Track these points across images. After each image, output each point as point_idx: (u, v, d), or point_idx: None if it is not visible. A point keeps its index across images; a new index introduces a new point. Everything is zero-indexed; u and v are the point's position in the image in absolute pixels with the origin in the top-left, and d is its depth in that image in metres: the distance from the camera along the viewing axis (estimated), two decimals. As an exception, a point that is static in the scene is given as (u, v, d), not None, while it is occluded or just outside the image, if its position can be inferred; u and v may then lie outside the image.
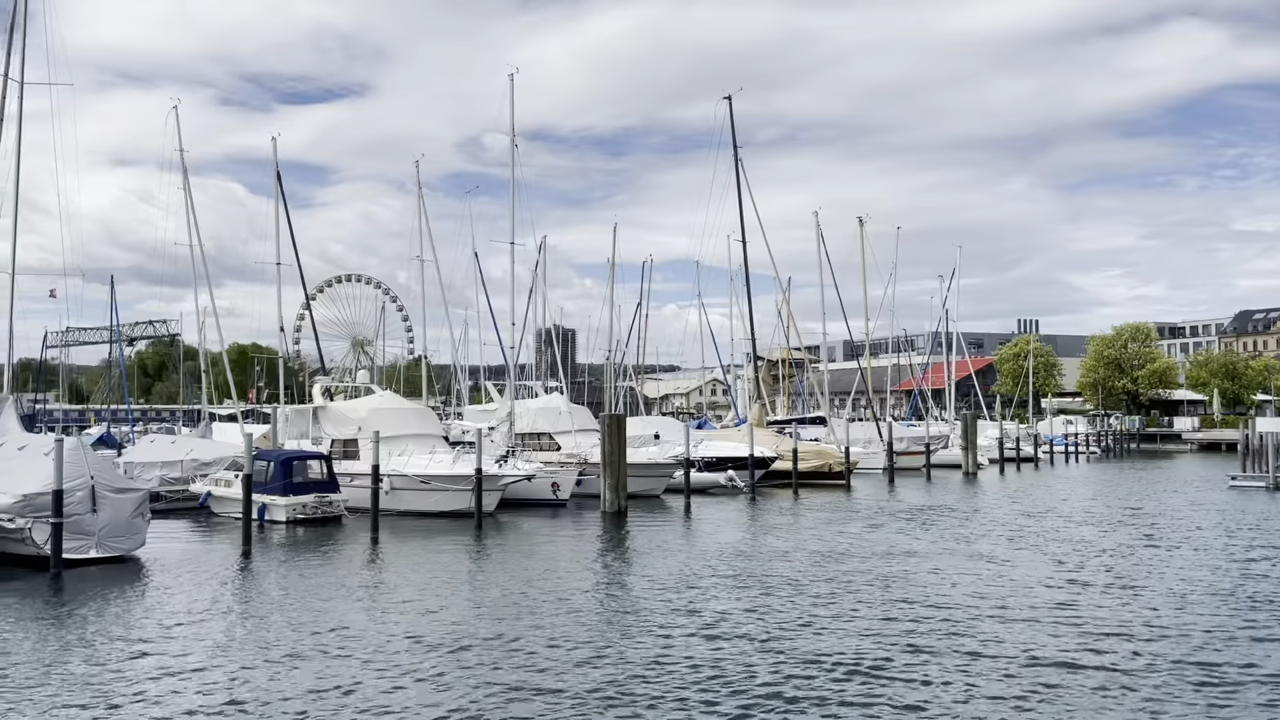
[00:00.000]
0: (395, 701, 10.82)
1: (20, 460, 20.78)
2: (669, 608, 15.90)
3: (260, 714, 10.44)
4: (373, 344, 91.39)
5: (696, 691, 11.09)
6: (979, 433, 51.95)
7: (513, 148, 33.87)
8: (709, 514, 31.00)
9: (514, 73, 34.30)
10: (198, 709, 10.63)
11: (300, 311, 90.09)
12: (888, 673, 11.82)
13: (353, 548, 23.66)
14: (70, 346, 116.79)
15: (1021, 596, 16.68)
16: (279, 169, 38.34)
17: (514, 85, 34.30)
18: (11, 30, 27.01)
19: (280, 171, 38.64)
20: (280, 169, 37.98)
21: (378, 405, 32.20)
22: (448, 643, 13.53)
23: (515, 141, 34.22)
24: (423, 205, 44.83)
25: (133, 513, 20.62)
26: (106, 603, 16.63)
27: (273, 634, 14.18)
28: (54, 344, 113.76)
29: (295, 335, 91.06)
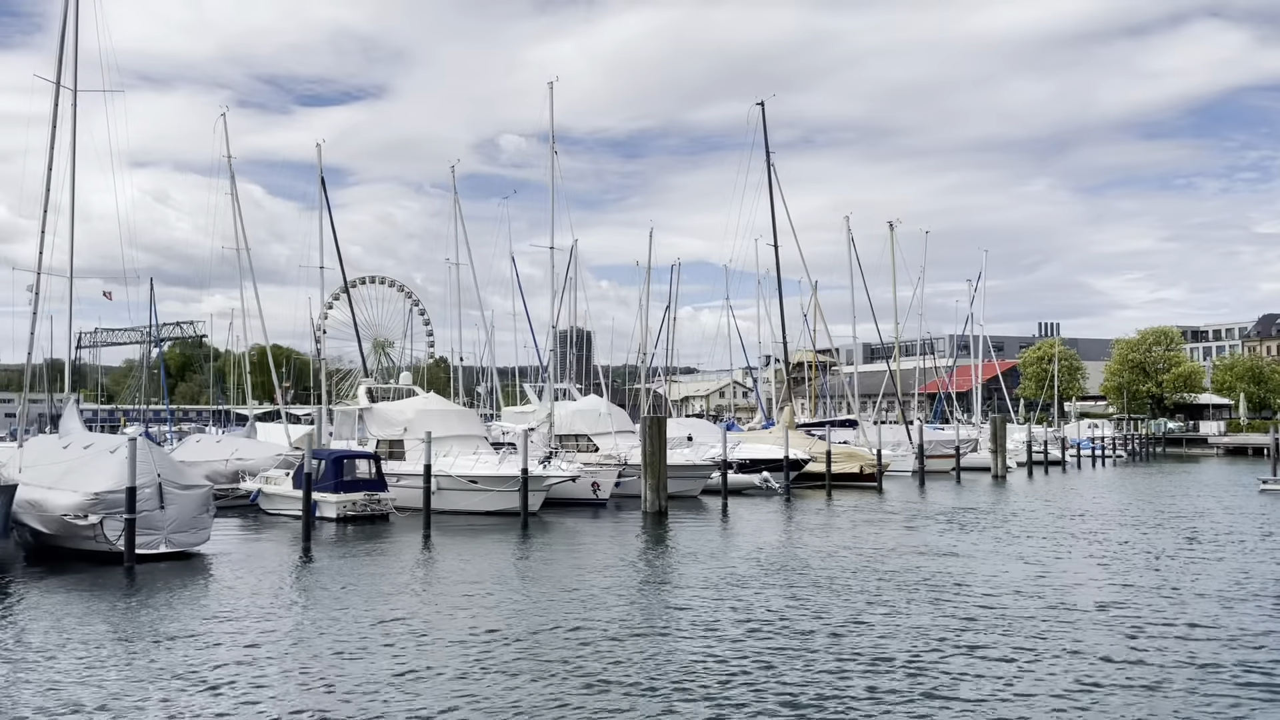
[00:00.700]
0: (469, 689, 11.29)
1: (88, 459, 21.43)
2: (725, 604, 16.35)
3: (339, 700, 10.93)
4: (393, 345, 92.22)
5: (754, 685, 11.53)
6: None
7: (551, 154, 34.47)
8: (747, 514, 31.45)
9: (553, 81, 34.90)
10: (280, 695, 11.13)
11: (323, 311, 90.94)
12: (945, 670, 12.20)
13: (407, 545, 24.23)
14: (101, 347, 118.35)
15: (1072, 597, 17.04)
16: (323, 175, 39.01)
17: (553, 93, 34.87)
18: (63, 37, 27.61)
19: (323, 177, 39.26)
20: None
21: (423, 407, 32.82)
22: (519, 634, 14.02)
23: (555, 149, 34.76)
24: (458, 209, 45.47)
25: (198, 509, 21.26)
26: (181, 595, 17.21)
27: (344, 625, 14.71)
28: (84, 344, 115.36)
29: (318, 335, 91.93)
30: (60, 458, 22.10)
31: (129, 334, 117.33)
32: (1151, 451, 78.09)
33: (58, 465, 21.38)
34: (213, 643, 13.62)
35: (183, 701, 10.86)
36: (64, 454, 22.49)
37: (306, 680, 11.75)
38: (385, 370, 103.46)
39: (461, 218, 45.41)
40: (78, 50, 26.49)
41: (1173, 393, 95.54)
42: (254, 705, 10.73)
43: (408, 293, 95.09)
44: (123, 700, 10.88)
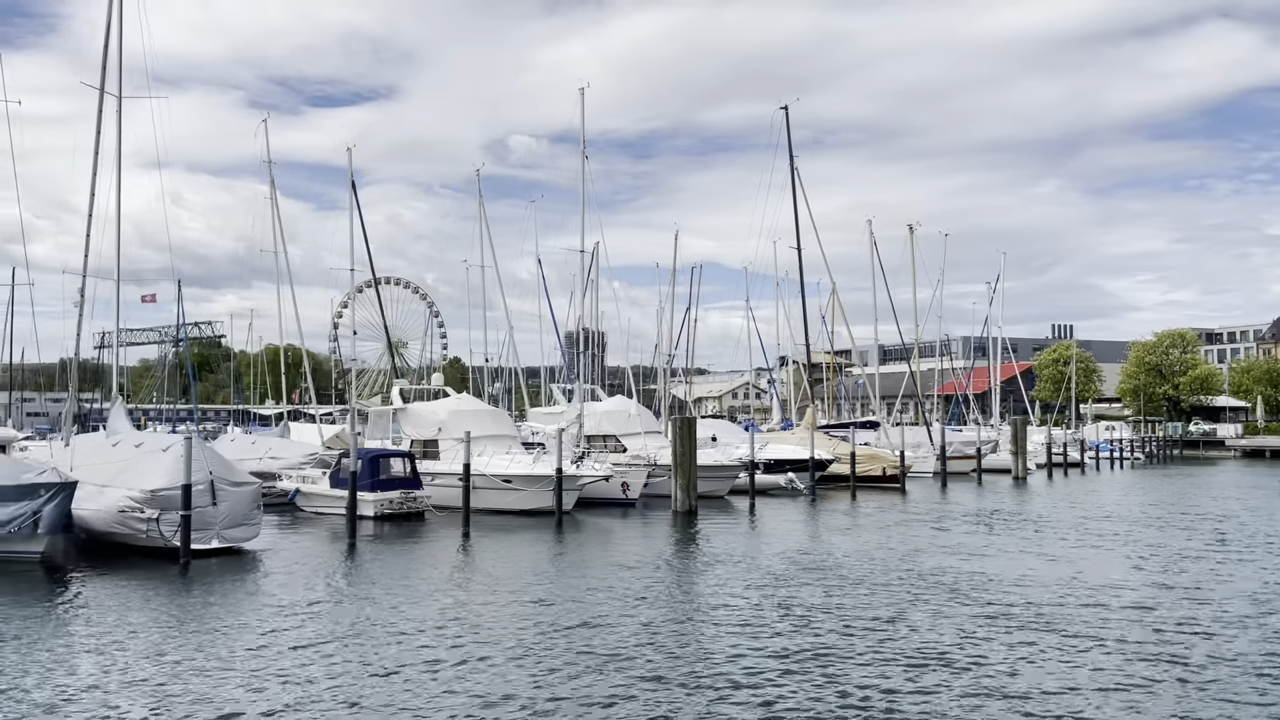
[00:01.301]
0: (529, 678, 11.71)
1: (141, 457, 21.96)
2: (769, 601, 16.74)
3: (403, 689, 11.36)
4: (407, 345, 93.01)
5: (807, 678, 11.94)
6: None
7: (583, 159, 34.97)
8: (775, 514, 31.85)
9: (585, 87, 35.32)
10: (348, 682, 11.57)
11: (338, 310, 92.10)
12: (993, 665, 12.57)
13: (446, 542, 24.70)
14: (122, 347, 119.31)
15: (1109, 596, 17.39)
16: (353, 179, 39.51)
17: (584, 99, 35.30)
18: (106, 43, 28.15)
19: (354, 181, 39.77)
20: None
21: (457, 407, 33.35)
22: (572, 626, 14.45)
23: (585, 154, 35.16)
24: (482, 212, 45.98)
25: (248, 506, 21.78)
26: (240, 588, 17.72)
27: (400, 616, 15.17)
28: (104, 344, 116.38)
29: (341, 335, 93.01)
30: (111, 456, 22.63)
31: (148, 334, 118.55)
32: (1169, 454, 78.21)
33: (110, 464, 21.91)
34: (278, 632, 14.09)
35: (256, 688, 11.30)
36: (114, 452, 23.03)
37: (372, 666, 12.19)
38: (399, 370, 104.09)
39: (486, 220, 45.93)
40: (122, 56, 27.02)
41: (1189, 395, 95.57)
42: (323, 691, 11.18)
43: (422, 294, 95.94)
44: (196, 687, 11.33)
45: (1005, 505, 35.75)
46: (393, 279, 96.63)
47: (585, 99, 35.44)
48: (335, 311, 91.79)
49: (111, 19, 27.15)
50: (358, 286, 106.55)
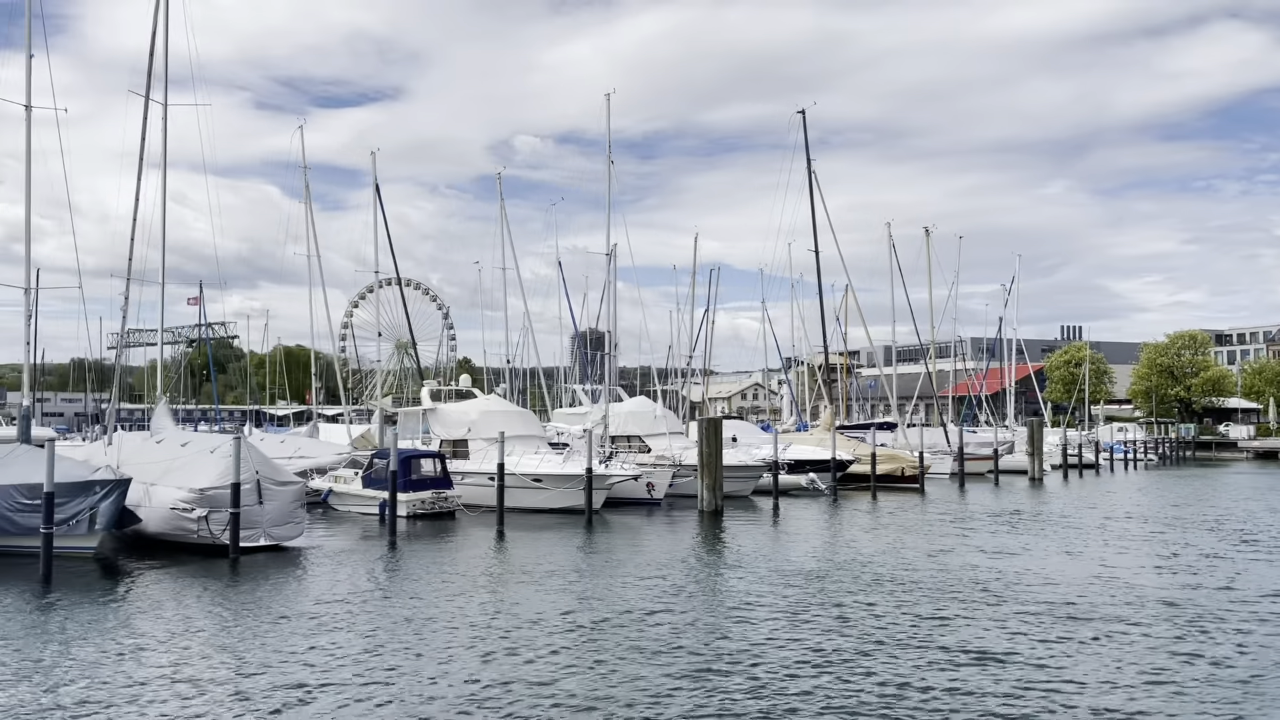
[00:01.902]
0: (582, 668, 12.18)
1: (188, 457, 22.46)
2: (808, 597, 17.18)
3: (459, 679, 11.82)
4: (417, 346, 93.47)
5: (851, 671, 12.38)
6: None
7: (609, 163, 35.33)
8: (799, 514, 32.27)
9: (610, 93, 35.73)
10: (408, 672, 12.03)
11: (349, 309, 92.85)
12: (1032, 663, 12.99)
13: (482, 540, 25.15)
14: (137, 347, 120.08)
15: (1141, 595, 17.80)
16: (377, 182, 40.02)
17: (609, 104, 35.74)
18: (151, 53, 28.71)
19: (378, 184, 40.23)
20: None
21: (487, 408, 33.85)
22: (619, 621, 14.91)
23: (611, 159, 35.60)
24: (503, 215, 46.45)
25: (293, 505, 22.28)
26: (290, 583, 18.20)
27: (447, 611, 15.63)
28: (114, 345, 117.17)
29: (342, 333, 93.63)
30: (157, 455, 23.13)
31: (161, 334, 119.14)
32: (1181, 455, 78.48)
33: (156, 463, 22.40)
34: (334, 625, 14.56)
35: (323, 680, 11.74)
36: (159, 451, 23.53)
37: (432, 657, 12.65)
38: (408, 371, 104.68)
39: (506, 222, 46.43)
40: (167, 64, 27.55)
41: (1201, 397, 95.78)
42: (386, 680, 11.63)
43: (432, 295, 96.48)
44: (261, 676, 11.80)
45: (1026, 505, 36.13)
46: (405, 280, 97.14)
47: (610, 104, 35.82)
48: (346, 311, 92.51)
49: (156, 29, 27.70)
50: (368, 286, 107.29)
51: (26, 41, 23.44)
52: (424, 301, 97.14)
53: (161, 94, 27.87)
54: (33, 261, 23.56)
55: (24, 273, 23.52)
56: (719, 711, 10.53)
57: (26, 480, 20.35)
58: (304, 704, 10.72)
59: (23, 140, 23.34)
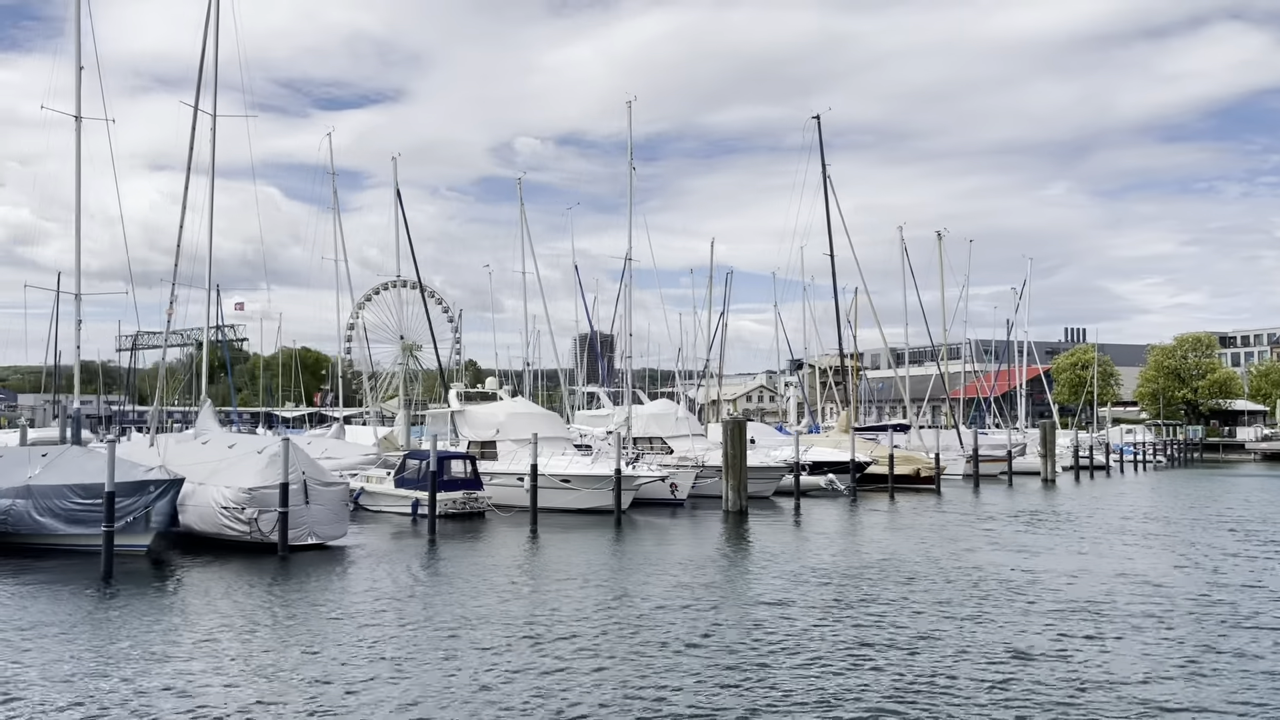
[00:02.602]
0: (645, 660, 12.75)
1: (236, 458, 23.02)
2: (847, 595, 17.72)
3: (517, 669, 12.38)
4: (421, 349, 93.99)
5: (895, 665, 12.93)
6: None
7: (630, 170, 35.93)
8: (822, 514, 32.79)
9: (632, 100, 36.29)
10: (459, 665, 12.55)
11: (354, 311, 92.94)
12: (1071, 659, 13.53)
13: (515, 539, 25.67)
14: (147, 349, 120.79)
15: (1171, 593, 18.35)
16: (398, 187, 40.57)
17: (631, 111, 36.28)
18: (201, 65, 29.18)
19: (399, 190, 40.76)
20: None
21: (514, 410, 34.42)
22: (665, 614, 15.46)
23: (633, 165, 36.12)
24: (524, 219, 47.01)
25: (338, 505, 22.85)
26: (341, 580, 18.74)
27: (497, 605, 16.17)
28: (125, 347, 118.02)
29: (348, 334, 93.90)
30: (203, 456, 23.68)
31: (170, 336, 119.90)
32: (1189, 457, 79.04)
33: (204, 463, 22.94)
34: (396, 621, 15.10)
35: (386, 669, 12.31)
36: (205, 452, 24.09)
37: (489, 649, 13.20)
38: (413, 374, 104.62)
39: (527, 227, 46.98)
40: (217, 76, 28.07)
41: (1207, 399, 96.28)
42: (447, 670, 12.18)
43: (438, 299, 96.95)
44: (327, 668, 12.34)
45: (1043, 506, 36.66)
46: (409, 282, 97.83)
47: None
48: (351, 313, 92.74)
49: (206, 42, 28.21)
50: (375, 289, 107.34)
51: (76, 54, 23.98)
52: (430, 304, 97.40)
53: (210, 104, 28.31)
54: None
55: (75, 280, 24.05)
56: (774, 704, 11.09)
57: (80, 480, 20.93)
58: (371, 694, 11.27)
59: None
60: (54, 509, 20.87)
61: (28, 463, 21.73)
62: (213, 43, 28.19)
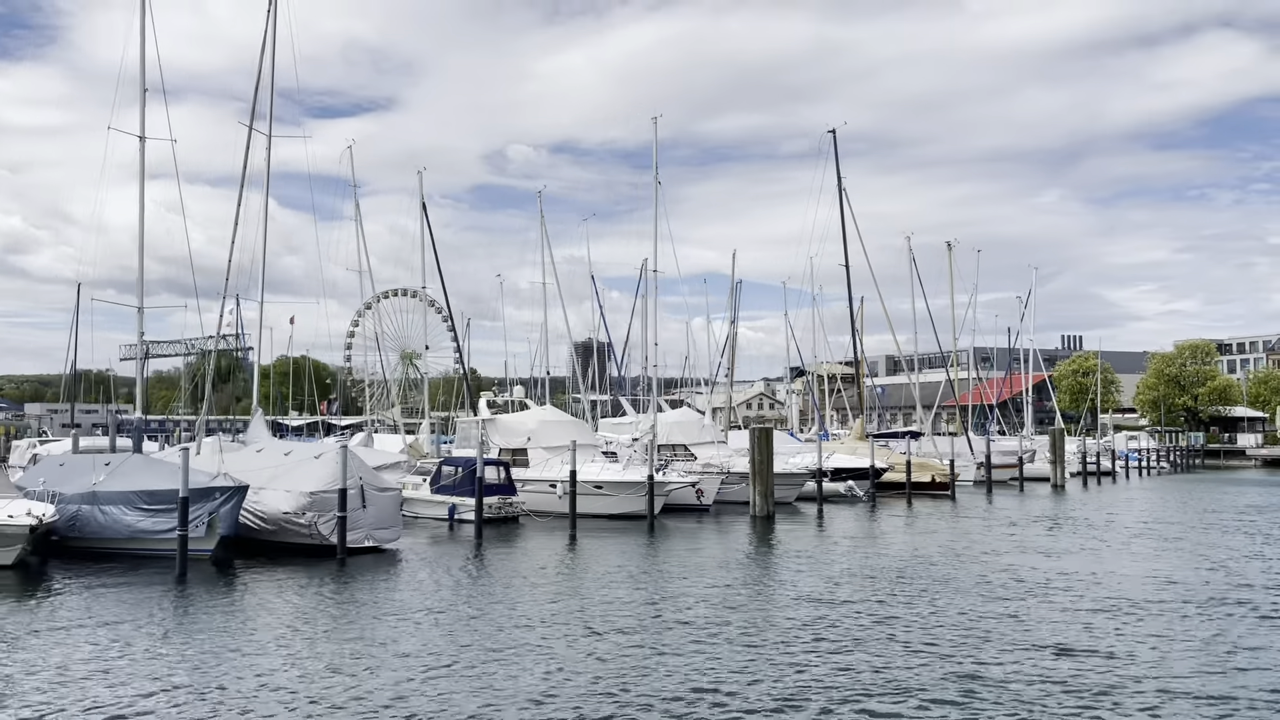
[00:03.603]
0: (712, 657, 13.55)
1: (293, 464, 23.79)
2: (893, 597, 18.51)
3: (606, 666, 13.18)
4: (421, 357, 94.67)
5: (951, 670, 13.74)
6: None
7: (655, 185, 36.66)
8: (844, 519, 33.60)
9: (658, 116, 37.06)
10: (536, 659, 13.36)
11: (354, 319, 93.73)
12: (1116, 656, 14.34)
13: (556, 543, 26.42)
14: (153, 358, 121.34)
15: (1203, 594, 19.20)
16: (424, 200, 41.31)
17: (657, 127, 37.08)
18: (257, 87, 29.94)
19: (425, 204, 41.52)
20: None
21: (544, 418, 35.23)
22: (721, 613, 16.27)
23: (658, 180, 36.96)
24: (544, 232, 47.83)
25: (392, 509, 23.63)
26: (400, 580, 19.51)
27: (564, 606, 16.94)
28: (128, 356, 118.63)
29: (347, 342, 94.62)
30: (260, 463, 24.40)
31: (174, 345, 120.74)
32: (1191, 463, 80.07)
33: (260, 470, 23.67)
34: (466, 618, 15.86)
35: (459, 664, 13.06)
36: (260, 459, 24.83)
37: (572, 646, 13.98)
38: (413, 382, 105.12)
39: (547, 238, 47.80)
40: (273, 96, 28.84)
41: (1207, 406, 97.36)
42: (524, 663, 12.97)
43: (438, 307, 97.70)
44: (407, 663, 13.13)
45: (1060, 511, 37.51)
46: (407, 290, 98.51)
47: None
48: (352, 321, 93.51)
49: (263, 64, 28.96)
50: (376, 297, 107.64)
51: (141, 78, 24.77)
52: (428, 312, 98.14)
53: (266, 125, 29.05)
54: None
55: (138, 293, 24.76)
56: (844, 700, 11.90)
57: (144, 486, 21.69)
58: (451, 684, 12.05)
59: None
60: (120, 514, 21.60)
61: (92, 470, 22.47)
62: (269, 64, 28.95)
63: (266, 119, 29.36)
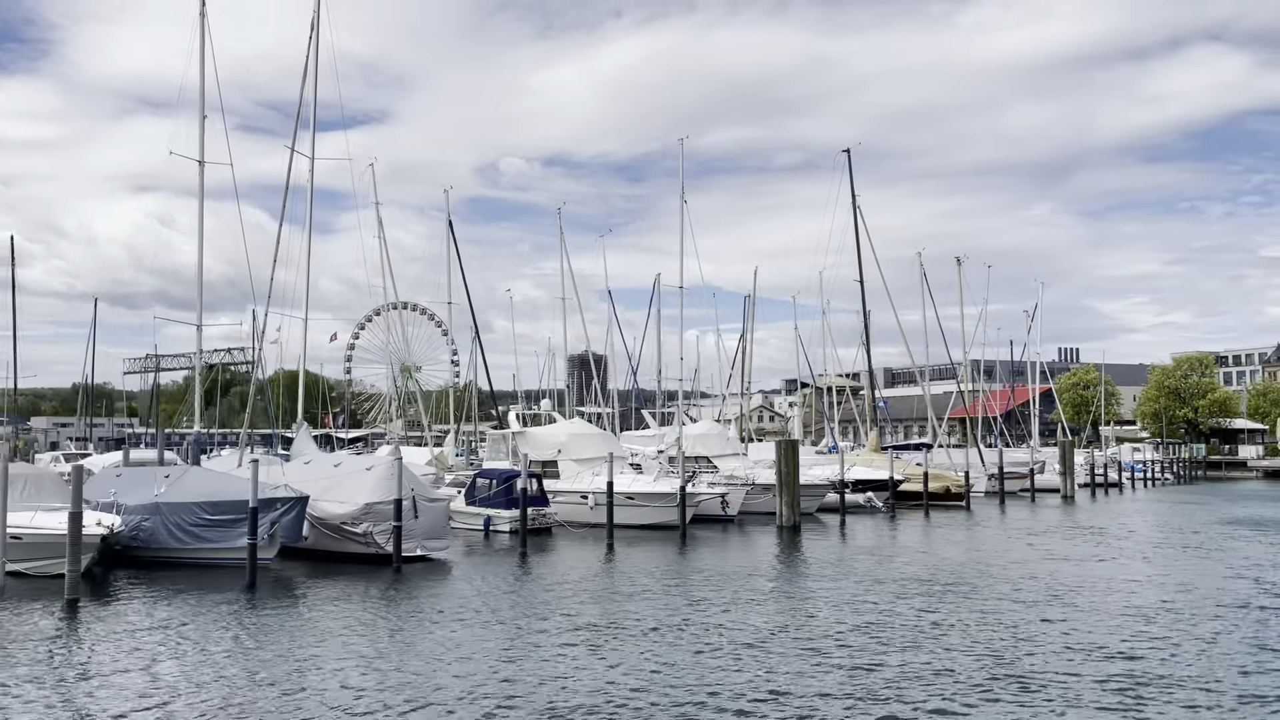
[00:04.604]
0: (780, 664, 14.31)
1: (346, 475, 24.54)
2: (940, 604, 19.27)
3: (696, 668, 13.93)
4: (420, 370, 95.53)
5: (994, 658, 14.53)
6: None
7: (682, 203, 37.58)
8: (867, 529, 34.36)
9: (684, 138, 38.02)
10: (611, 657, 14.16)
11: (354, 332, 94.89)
12: (1164, 656, 15.16)
13: (596, 553, 27.12)
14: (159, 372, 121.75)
15: (1230, 596, 20.02)
16: (450, 217, 42.13)
17: (683, 148, 38.04)
18: (299, 110, 30.79)
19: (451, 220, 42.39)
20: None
21: (574, 431, 36.02)
22: (787, 624, 17.05)
23: (684, 199, 37.87)
24: (564, 249, 48.72)
25: (442, 520, 24.38)
26: (456, 588, 20.20)
27: (624, 611, 17.69)
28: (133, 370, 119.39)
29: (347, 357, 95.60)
30: (311, 474, 25.10)
31: (178, 359, 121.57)
32: (1193, 474, 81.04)
33: (314, 480, 24.39)
34: (535, 623, 16.62)
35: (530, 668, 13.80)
36: (311, 471, 25.56)
37: (658, 648, 14.75)
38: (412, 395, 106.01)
39: (567, 255, 48.71)
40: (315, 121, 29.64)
41: (1207, 418, 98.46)
42: (590, 662, 13.74)
43: (438, 321, 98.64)
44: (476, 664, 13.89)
45: (1075, 521, 38.34)
46: (409, 304, 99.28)
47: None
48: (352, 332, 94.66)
49: (305, 86, 29.75)
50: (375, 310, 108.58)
51: (200, 103, 25.63)
52: (428, 325, 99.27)
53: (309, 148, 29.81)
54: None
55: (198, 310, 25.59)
56: (914, 696, 12.69)
57: (206, 498, 22.42)
58: (526, 684, 12.81)
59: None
60: (182, 524, 22.30)
61: (153, 482, 23.19)
62: (311, 85, 29.73)
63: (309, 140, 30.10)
